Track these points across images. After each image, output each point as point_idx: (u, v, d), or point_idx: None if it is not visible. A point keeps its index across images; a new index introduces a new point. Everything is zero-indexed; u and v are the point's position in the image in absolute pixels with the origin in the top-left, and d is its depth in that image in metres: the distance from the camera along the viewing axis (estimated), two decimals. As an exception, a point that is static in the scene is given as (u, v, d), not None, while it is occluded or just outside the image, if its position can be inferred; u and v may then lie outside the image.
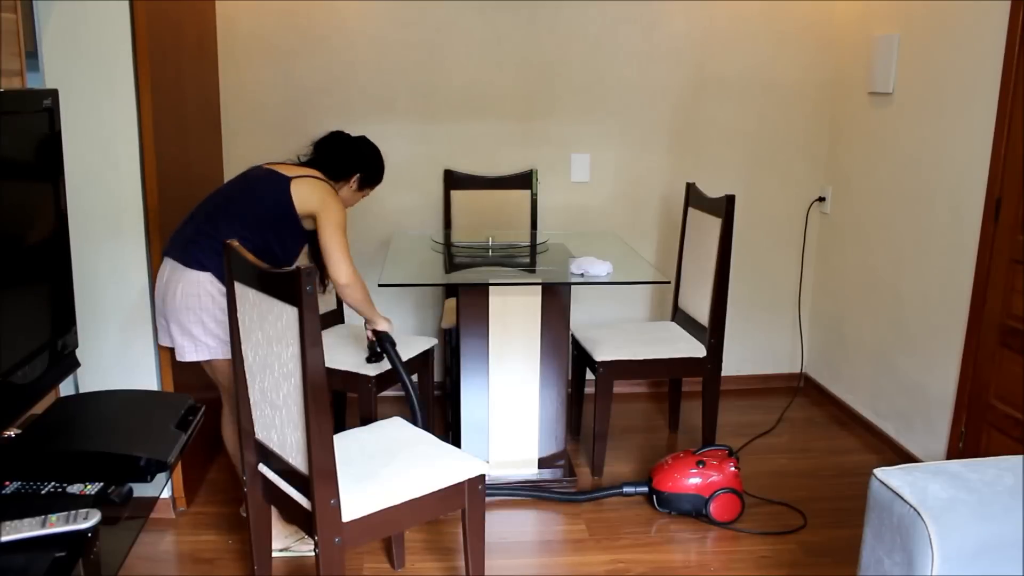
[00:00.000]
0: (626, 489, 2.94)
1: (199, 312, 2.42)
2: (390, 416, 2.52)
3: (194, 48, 3.17)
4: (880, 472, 1.71)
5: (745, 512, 2.87)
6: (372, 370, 2.90)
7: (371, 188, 2.79)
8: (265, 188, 2.50)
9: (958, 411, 3.02)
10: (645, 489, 2.93)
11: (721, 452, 2.88)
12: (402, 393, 3.85)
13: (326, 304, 3.32)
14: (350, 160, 2.69)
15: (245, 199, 2.49)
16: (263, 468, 2.19)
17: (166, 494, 2.83)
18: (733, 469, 2.84)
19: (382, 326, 2.72)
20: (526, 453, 3.07)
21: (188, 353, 2.47)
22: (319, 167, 2.63)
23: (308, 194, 2.49)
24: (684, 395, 3.67)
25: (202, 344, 2.45)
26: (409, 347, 3.11)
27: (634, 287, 3.97)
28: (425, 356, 3.19)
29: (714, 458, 2.86)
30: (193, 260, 2.41)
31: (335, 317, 3.40)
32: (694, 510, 2.84)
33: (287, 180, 2.49)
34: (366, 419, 2.92)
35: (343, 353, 3.00)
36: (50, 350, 1.93)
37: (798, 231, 4.04)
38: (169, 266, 2.46)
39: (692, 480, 2.84)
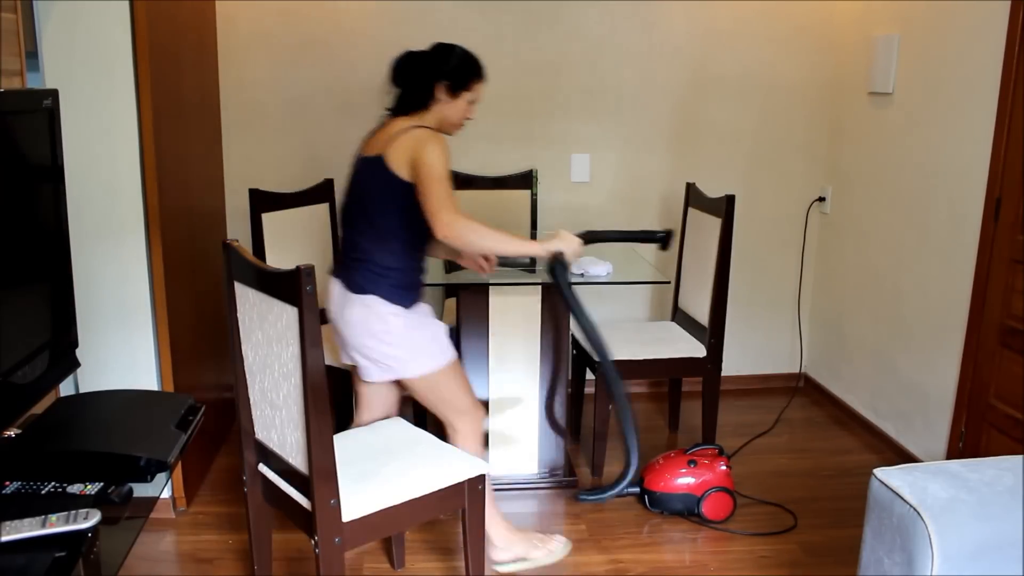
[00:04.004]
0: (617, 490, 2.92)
1: (372, 335, 2.29)
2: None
3: (194, 48, 3.17)
4: (880, 472, 1.71)
5: (739, 512, 2.87)
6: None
7: (468, 90, 2.35)
8: (369, 181, 2.29)
9: (958, 411, 3.02)
10: (636, 490, 2.92)
11: (712, 451, 2.88)
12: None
13: (326, 301, 3.32)
14: (420, 79, 2.32)
15: (358, 203, 2.32)
16: (263, 468, 2.19)
17: (166, 494, 2.83)
18: (724, 468, 2.84)
19: (551, 246, 2.23)
20: (526, 453, 3.07)
21: (372, 374, 2.36)
22: (404, 108, 2.35)
23: (404, 153, 2.20)
24: (684, 395, 3.67)
25: (384, 365, 2.33)
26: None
27: (634, 287, 3.97)
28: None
29: (705, 457, 2.86)
30: (354, 284, 2.30)
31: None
32: (686, 509, 2.85)
33: (380, 160, 2.24)
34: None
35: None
36: (50, 350, 1.93)
37: (798, 231, 4.04)
38: (337, 288, 2.35)
39: (684, 480, 2.84)
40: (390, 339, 2.29)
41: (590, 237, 2.32)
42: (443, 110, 2.34)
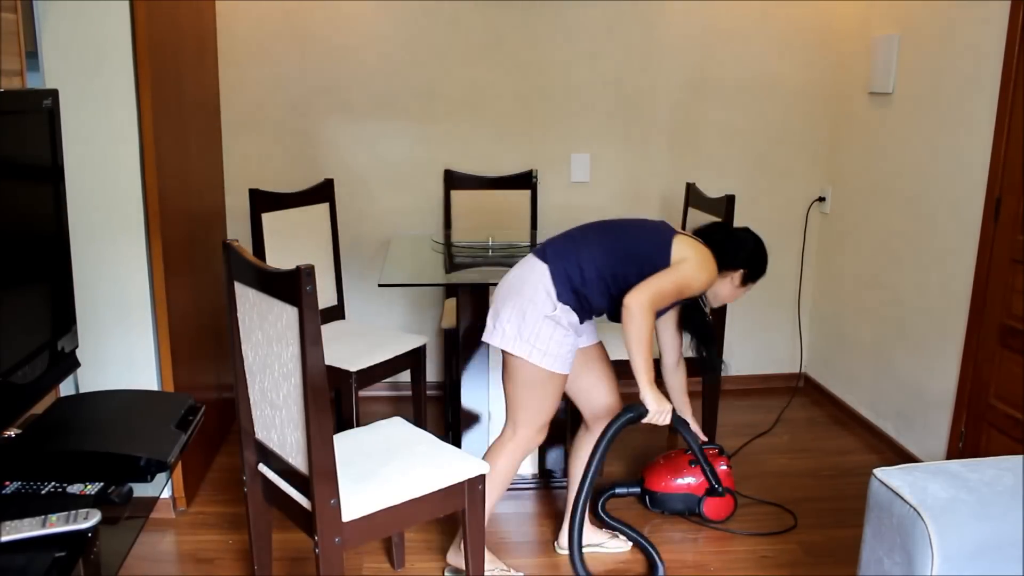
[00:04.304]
0: (618, 490, 2.91)
1: (518, 297, 2.31)
2: (381, 415, 2.51)
3: (194, 48, 3.17)
4: (880, 472, 1.71)
5: (739, 512, 2.87)
6: (353, 365, 2.88)
7: (751, 284, 2.50)
8: (651, 231, 2.38)
9: (958, 411, 3.02)
10: (637, 490, 2.92)
11: (712, 451, 2.88)
12: (391, 393, 3.89)
13: (326, 300, 3.32)
14: (735, 253, 2.42)
15: (629, 231, 2.39)
16: (263, 468, 2.19)
17: (166, 494, 2.83)
18: (725, 468, 2.84)
19: (648, 404, 2.30)
20: (526, 453, 3.07)
21: (486, 333, 2.37)
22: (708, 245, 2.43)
23: (688, 250, 2.31)
24: (684, 395, 3.67)
25: (499, 328, 2.33)
26: (400, 344, 3.12)
27: (634, 287, 3.96)
28: (416, 354, 3.18)
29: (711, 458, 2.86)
30: (541, 251, 2.36)
31: (335, 313, 3.40)
32: (687, 509, 2.85)
33: (674, 233, 2.36)
34: (348, 418, 2.92)
35: (332, 349, 3.00)
36: (50, 350, 1.93)
37: (798, 231, 4.04)
38: (531, 256, 2.40)
39: (685, 480, 2.84)
40: (522, 308, 2.30)
41: (677, 422, 2.40)
42: (726, 286, 2.46)
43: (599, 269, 2.30)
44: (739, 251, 2.43)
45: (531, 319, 2.29)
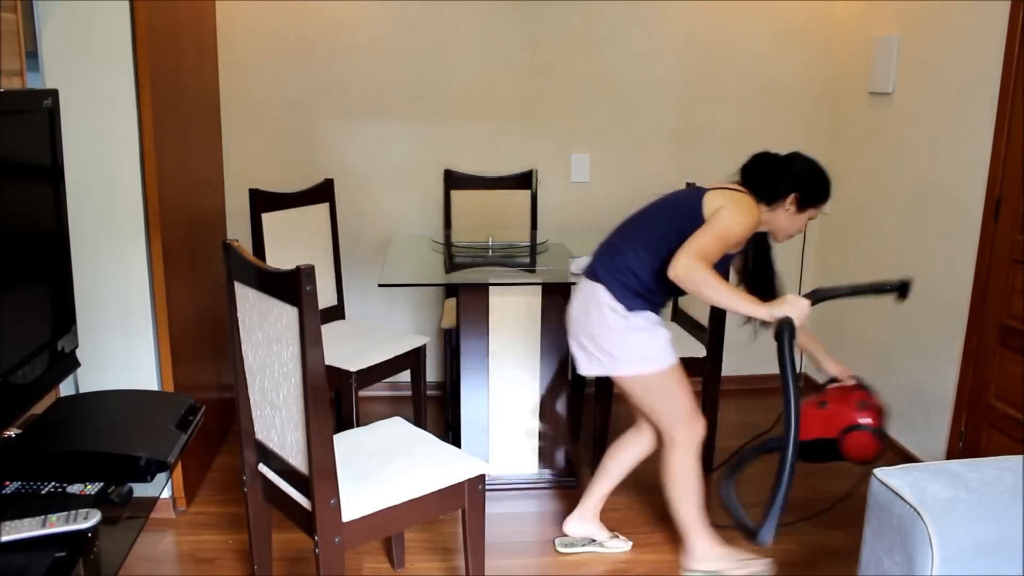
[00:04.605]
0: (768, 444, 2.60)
1: (588, 324, 2.34)
2: (381, 415, 2.51)
3: (194, 48, 3.17)
4: (880, 472, 1.71)
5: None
6: (353, 365, 2.88)
7: (816, 208, 2.36)
8: (682, 201, 2.34)
9: (958, 411, 3.02)
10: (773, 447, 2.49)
11: (850, 386, 2.52)
12: (391, 393, 3.89)
13: (326, 300, 3.32)
14: (781, 180, 2.32)
15: (657, 214, 2.36)
16: (263, 468, 2.19)
17: (166, 494, 2.83)
18: (865, 403, 2.46)
19: (778, 311, 2.14)
20: (526, 453, 3.07)
21: (582, 366, 2.40)
22: (748, 189, 2.35)
23: (720, 200, 2.25)
24: (684, 395, 3.67)
25: (594, 358, 2.36)
26: (400, 344, 3.12)
27: (634, 287, 3.96)
28: (416, 353, 3.18)
29: (840, 394, 2.51)
30: (591, 271, 2.37)
31: (335, 313, 3.41)
32: (827, 454, 2.51)
33: (704, 191, 2.31)
34: (348, 418, 2.92)
35: (332, 349, 3.00)
36: (50, 350, 1.93)
37: (798, 231, 4.03)
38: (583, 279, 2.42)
39: (825, 422, 2.47)
40: (603, 333, 2.31)
41: (818, 297, 2.26)
42: (782, 217, 2.35)
43: (647, 264, 2.29)
44: (782, 177, 2.31)
45: (615, 339, 2.30)
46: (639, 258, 2.30)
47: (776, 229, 2.40)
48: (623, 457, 2.64)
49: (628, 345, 2.31)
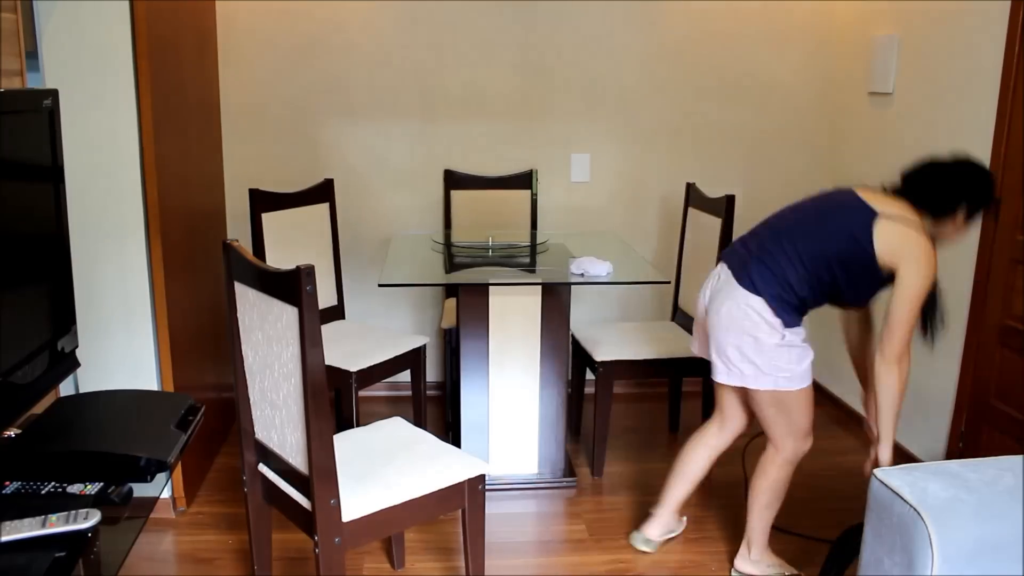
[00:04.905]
0: None
1: (739, 335, 2.25)
2: (381, 415, 2.51)
3: (194, 48, 3.17)
4: (880, 472, 1.71)
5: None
6: (353, 365, 2.88)
7: (978, 216, 2.27)
8: (844, 219, 2.21)
9: (958, 411, 3.02)
10: None
11: None
12: (391, 393, 3.88)
13: (326, 300, 3.32)
14: (953, 193, 2.21)
15: (818, 226, 2.23)
16: (263, 468, 2.19)
17: (166, 494, 2.83)
18: None
19: (885, 454, 2.35)
20: (526, 453, 3.07)
21: (720, 375, 2.34)
22: (912, 200, 2.23)
23: (896, 243, 2.14)
24: (684, 395, 3.67)
25: (735, 369, 2.29)
26: (400, 344, 3.12)
27: (634, 287, 3.97)
28: (416, 354, 3.19)
29: None
30: (746, 278, 2.25)
31: (335, 313, 3.41)
32: None
33: (872, 215, 2.16)
34: (348, 418, 2.92)
35: (332, 349, 3.00)
36: (50, 350, 1.93)
37: (798, 231, 4.03)
38: (724, 275, 2.32)
39: None
40: (754, 347, 2.25)
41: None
42: (948, 227, 2.25)
43: (806, 281, 2.22)
44: (953, 190, 2.20)
45: (765, 352, 2.25)
46: (797, 273, 2.21)
47: (939, 239, 2.29)
48: (697, 457, 2.62)
49: (776, 360, 2.26)
